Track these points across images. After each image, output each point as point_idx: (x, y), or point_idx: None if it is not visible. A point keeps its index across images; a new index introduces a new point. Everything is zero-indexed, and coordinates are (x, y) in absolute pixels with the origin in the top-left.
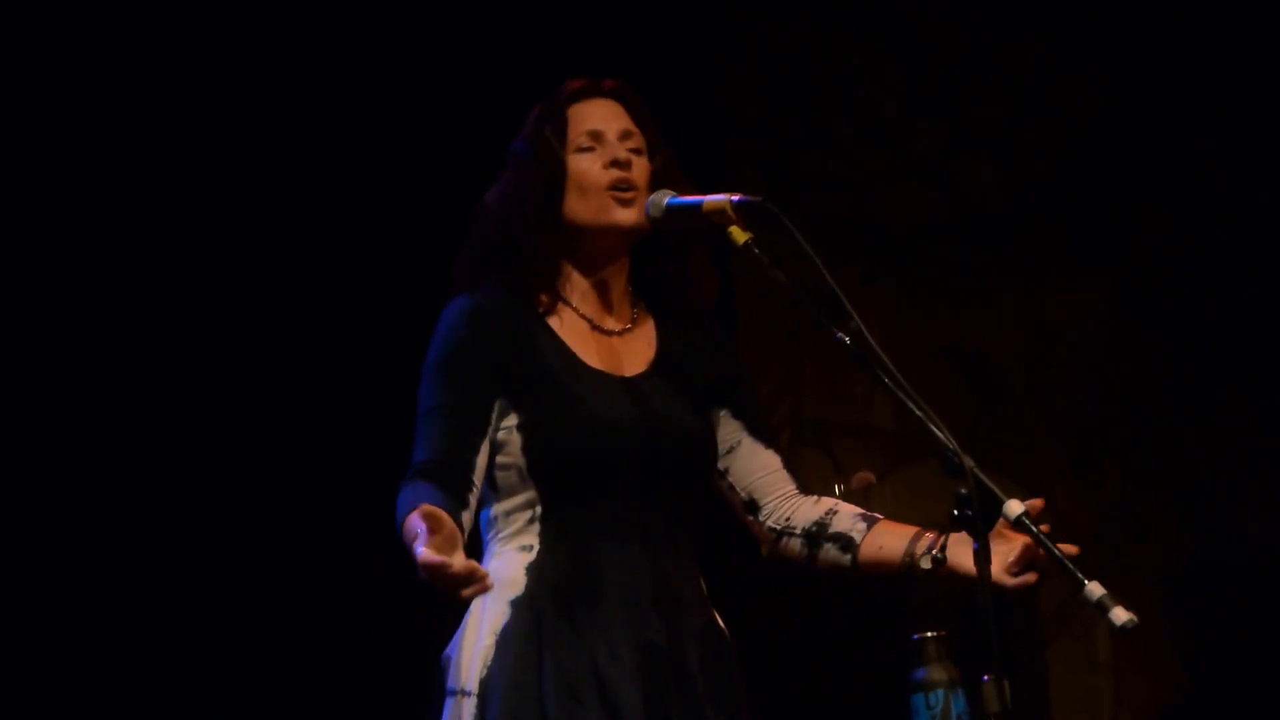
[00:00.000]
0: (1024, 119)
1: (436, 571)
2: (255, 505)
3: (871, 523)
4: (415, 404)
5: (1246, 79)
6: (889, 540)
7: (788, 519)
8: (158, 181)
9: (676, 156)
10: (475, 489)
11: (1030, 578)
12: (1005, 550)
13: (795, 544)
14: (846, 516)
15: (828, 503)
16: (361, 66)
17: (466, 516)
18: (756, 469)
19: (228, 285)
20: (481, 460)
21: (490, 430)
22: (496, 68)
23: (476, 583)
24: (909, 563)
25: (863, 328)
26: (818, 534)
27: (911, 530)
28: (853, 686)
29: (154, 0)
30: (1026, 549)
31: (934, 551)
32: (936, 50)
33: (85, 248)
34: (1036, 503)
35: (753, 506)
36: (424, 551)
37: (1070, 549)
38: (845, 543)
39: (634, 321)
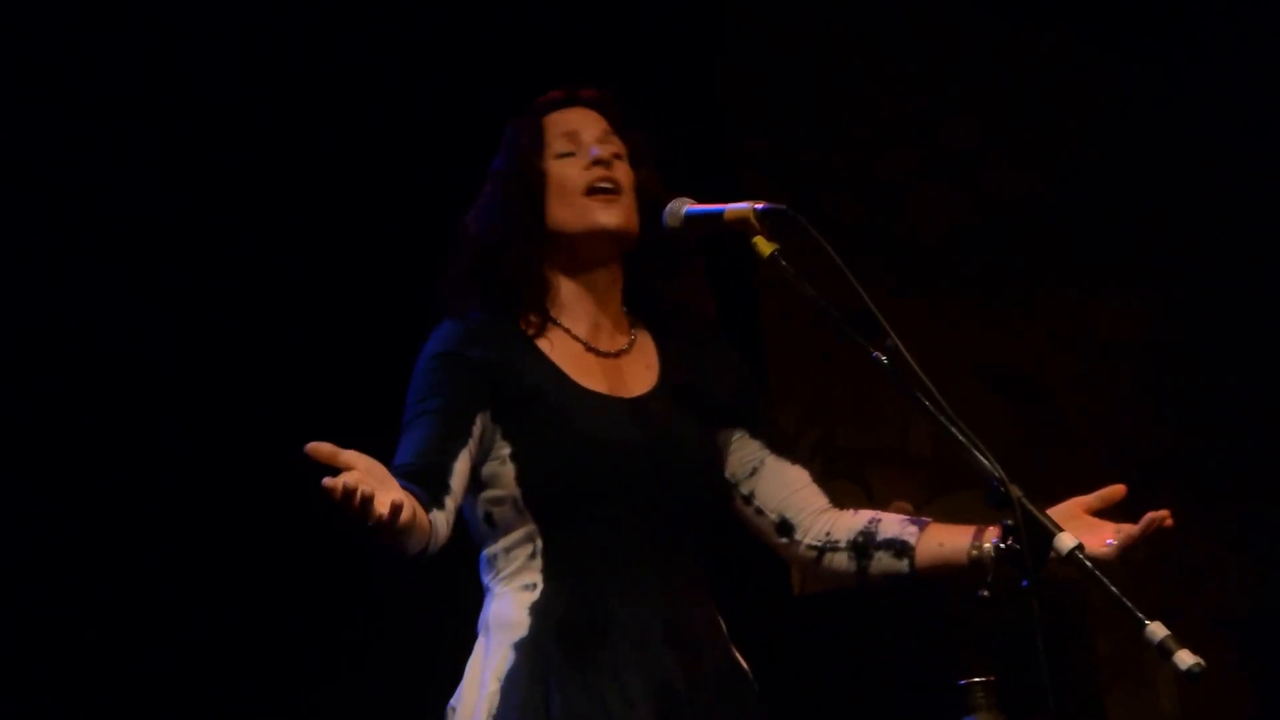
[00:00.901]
0: (1062, 111)
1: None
2: (255, 505)
3: (923, 525)
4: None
5: None
6: (949, 537)
7: (828, 533)
8: (158, 181)
9: (682, 162)
10: (452, 493)
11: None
12: (1091, 528)
13: (841, 559)
14: (894, 522)
15: (868, 512)
16: (361, 66)
17: (439, 515)
18: (785, 486)
19: (228, 285)
20: (460, 466)
21: (472, 441)
22: (496, 68)
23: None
24: (976, 556)
25: (899, 346)
26: (866, 544)
27: (971, 527)
28: None
29: (154, 0)
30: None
31: (1003, 543)
32: (960, 40)
33: (85, 248)
34: (1119, 489)
35: (786, 528)
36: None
37: (1160, 514)
38: (900, 548)
39: (632, 342)
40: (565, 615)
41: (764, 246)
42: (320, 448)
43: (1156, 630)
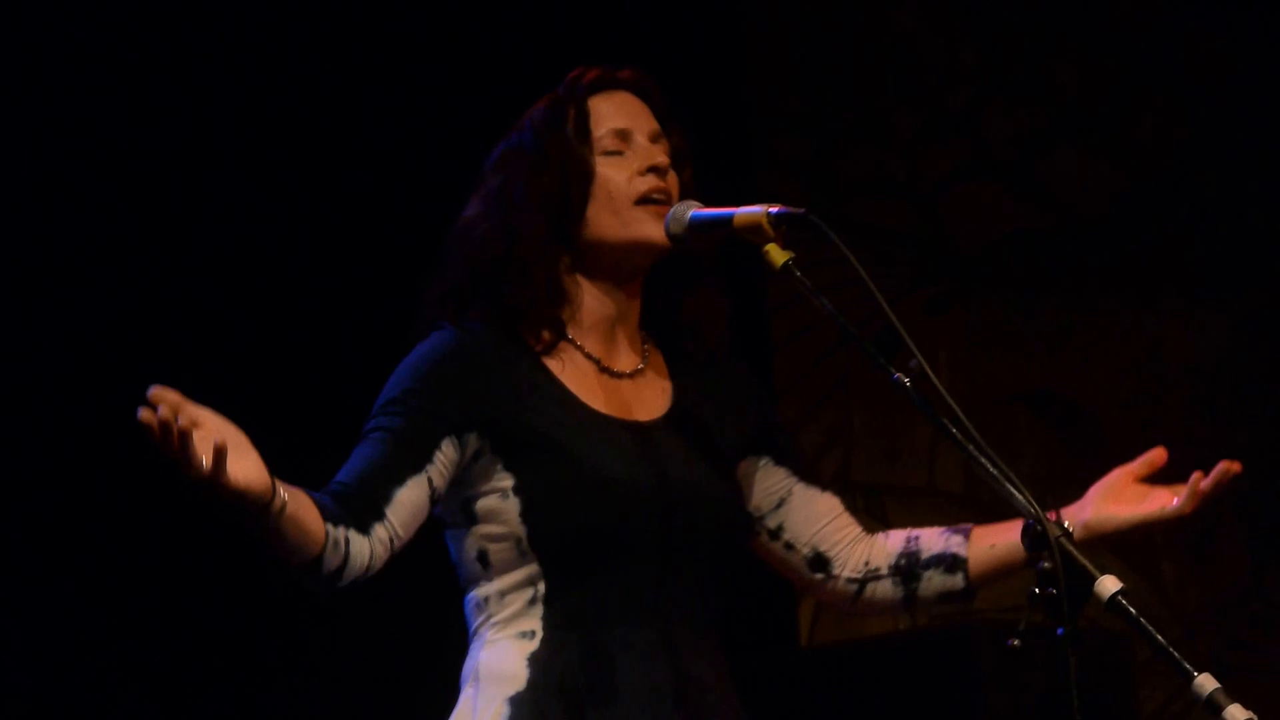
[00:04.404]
0: (1123, 101)
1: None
2: (265, 560)
3: (966, 533)
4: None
5: None
6: (999, 537)
7: (866, 563)
8: (157, 181)
9: (701, 162)
10: (386, 521)
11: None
12: (1144, 495)
13: (885, 586)
14: (935, 537)
15: (901, 532)
16: (361, 66)
17: (360, 542)
18: (818, 518)
19: (227, 285)
20: (407, 495)
21: (433, 468)
22: (499, 61)
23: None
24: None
25: (926, 367)
26: (910, 566)
27: (1014, 523)
28: None
29: (154, 0)
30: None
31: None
32: (1012, 22)
33: (85, 247)
34: (1160, 451)
35: (820, 562)
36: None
37: (1231, 469)
38: (951, 562)
39: (645, 362)
40: (568, 669)
41: (777, 256)
42: (166, 394)
43: (1205, 683)
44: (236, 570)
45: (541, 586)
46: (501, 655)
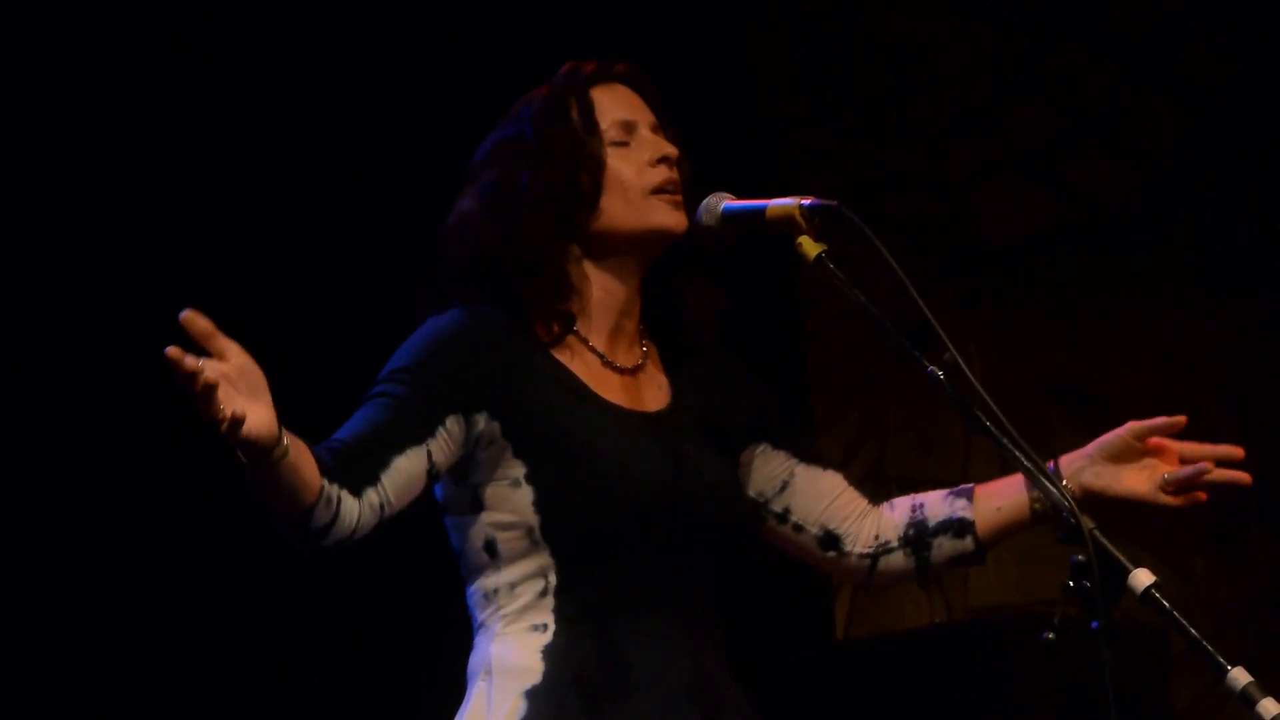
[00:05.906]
0: (1155, 95)
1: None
2: (256, 505)
3: (968, 494)
4: None
5: None
6: (1003, 497)
7: (876, 536)
8: (157, 181)
9: (720, 153)
10: (379, 487)
11: (1199, 496)
12: (1148, 466)
13: (897, 559)
14: (939, 502)
15: (904, 500)
16: (361, 66)
17: (350, 504)
18: (823, 496)
19: (228, 285)
20: (405, 464)
21: (434, 442)
22: (499, 61)
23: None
24: (1040, 509)
25: (960, 361)
26: (919, 535)
27: (1014, 479)
28: None
29: (154, 0)
30: (1186, 468)
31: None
32: (1012, 21)
33: (85, 247)
34: (1179, 418)
35: (831, 540)
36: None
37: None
38: (959, 526)
39: (644, 359)
40: (584, 662)
41: (810, 248)
42: (198, 320)
43: (1239, 677)
44: (236, 570)
45: (552, 578)
46: (514, 648)
